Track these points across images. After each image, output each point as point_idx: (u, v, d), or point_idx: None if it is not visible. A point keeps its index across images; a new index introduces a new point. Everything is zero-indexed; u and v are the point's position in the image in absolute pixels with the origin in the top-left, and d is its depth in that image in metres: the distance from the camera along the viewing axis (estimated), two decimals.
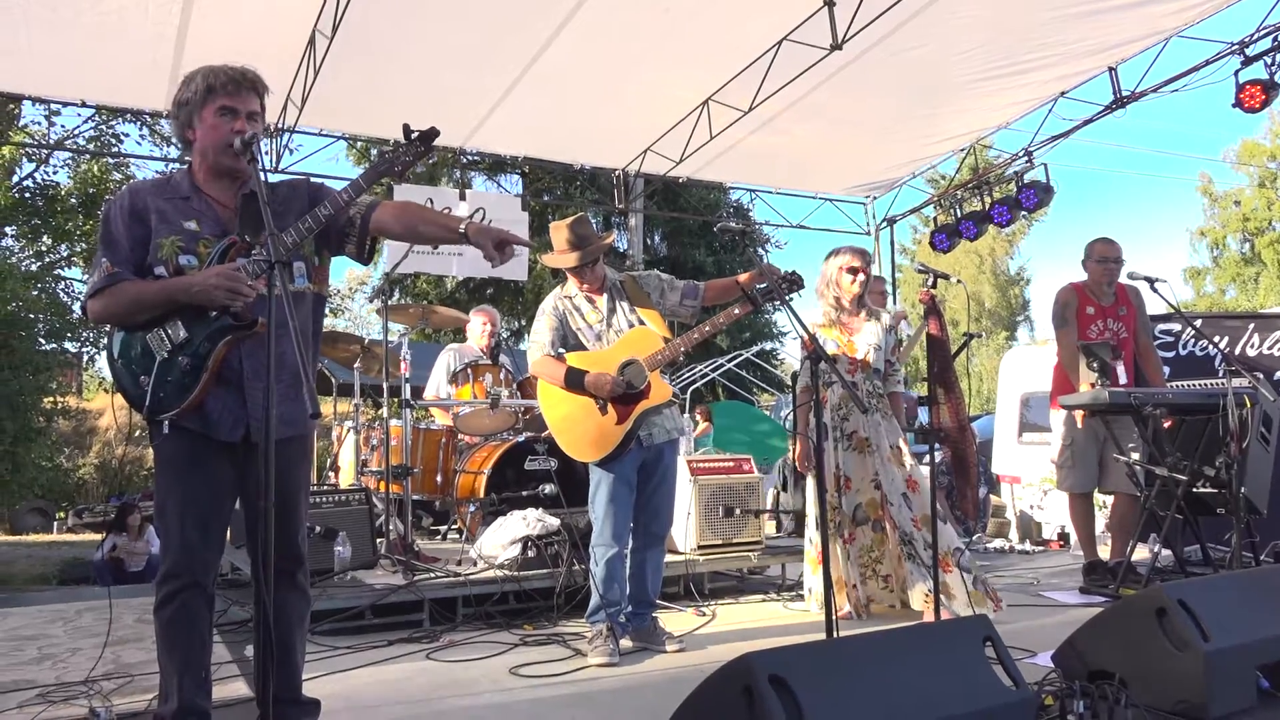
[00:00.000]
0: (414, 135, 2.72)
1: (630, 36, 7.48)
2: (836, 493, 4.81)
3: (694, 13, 7.16)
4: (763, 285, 4.04)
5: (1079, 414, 5.49)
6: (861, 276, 4.91)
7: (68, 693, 3.51)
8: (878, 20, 6.92)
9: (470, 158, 11.18)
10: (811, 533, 5.01)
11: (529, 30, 7.34)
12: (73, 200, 19.71)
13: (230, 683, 3.62)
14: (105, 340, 2.87)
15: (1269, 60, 7.19)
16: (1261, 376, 5.88)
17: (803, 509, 5.51)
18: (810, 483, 4.95)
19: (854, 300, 4.94)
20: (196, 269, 2.65)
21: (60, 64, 7.55)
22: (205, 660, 2.74)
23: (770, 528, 6.63)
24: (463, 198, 9.80)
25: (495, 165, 19.37)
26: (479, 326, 6.95)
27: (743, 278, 4.22)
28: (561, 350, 4.27)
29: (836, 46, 7.11)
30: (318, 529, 4.76)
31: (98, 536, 12.06)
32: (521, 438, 6.08)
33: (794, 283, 4.09)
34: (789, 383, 15.17)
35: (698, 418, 13.89)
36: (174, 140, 2.97)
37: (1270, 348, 7.16)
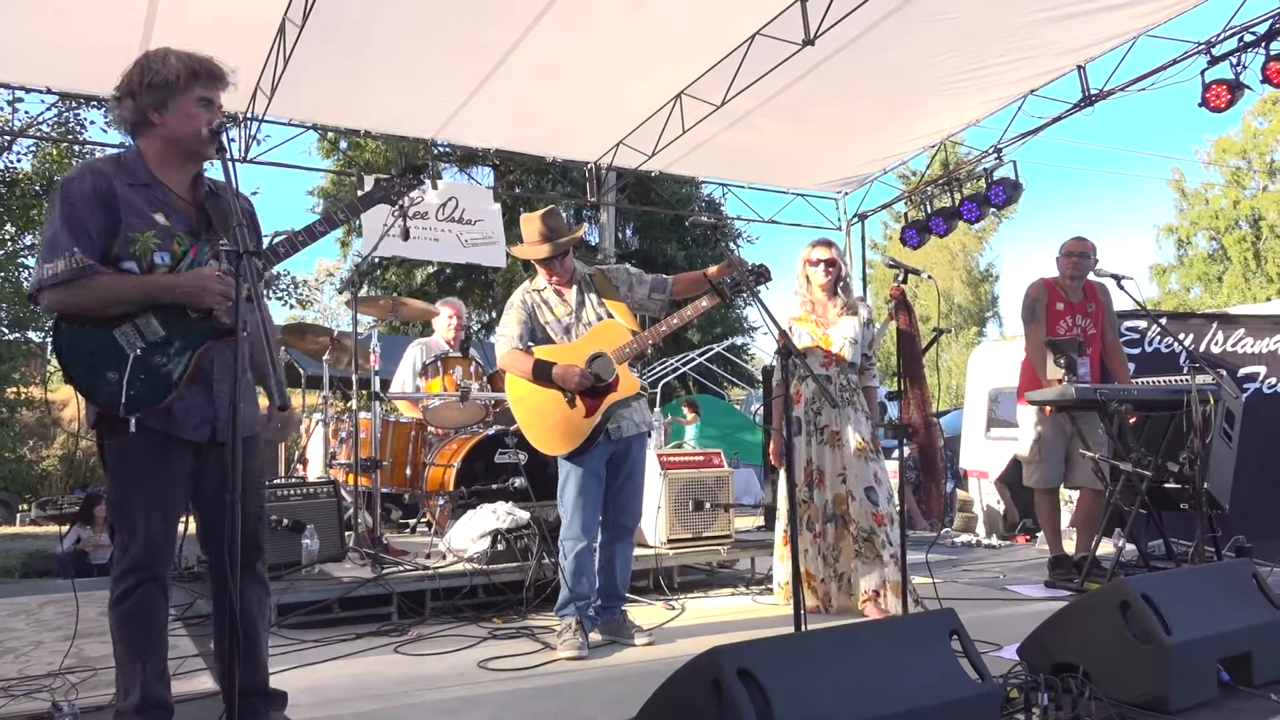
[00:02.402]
0: (405, 169, 3.28)
1: (604, 29, 7.46)
2: (809, 487, 4.82)
3: (667, 6, 7.15)
4: (731, 278, 4.04)
5: (1046, 409, 5.53)
6: (829, 266, 4.90)
7: (30, 686, 3.46)
8: (850, 20, 6.92)
9: (441, 149, 11.11)
10: (780, 526, 5.03)
11: (503, 23, 7.31)
12: (36, 188, 19.39)
13: (196, 676, 3.59)
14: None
15: (1234, 60, 7.28)
16: (1225, 374, 5.96)
17: (773, 503, 5.52)
18: (782, 476, 4.97)
19: (825, 291, 4.94)
20: (167, 267, 2.62)
21: (23, 49, 7.42)
22: (163, 652, 2.72)
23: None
24: (434, 188, 9.74)
25: (467, 157, 19.30)
26: (445, 319, 6.93)
27: (711, 271, 4.21)
28: (530, 343, 4.25)
29: (809, 42, 7.12)
30: (285, 522, 4.73)
31: (61, 529, 11.89)
32: (491, 431, 6.07)
33: (761, 275, 4.09)
34: (759, 377, 15.22)
35: (685, 410, 13.96)
36: (124, 120, 2.85)
37: (1233, 345, 7.26)
